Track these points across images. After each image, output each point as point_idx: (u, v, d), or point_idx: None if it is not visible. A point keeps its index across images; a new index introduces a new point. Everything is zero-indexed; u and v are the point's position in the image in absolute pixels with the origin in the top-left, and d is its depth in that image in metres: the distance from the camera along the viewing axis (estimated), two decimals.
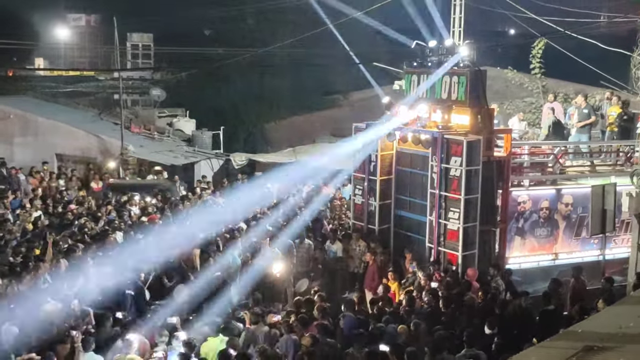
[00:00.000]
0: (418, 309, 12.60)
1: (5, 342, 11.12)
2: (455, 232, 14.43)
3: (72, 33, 42.57)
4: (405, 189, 16.43)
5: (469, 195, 14.26)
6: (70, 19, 42.23)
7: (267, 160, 27.17)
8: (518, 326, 11.64)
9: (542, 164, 16.55)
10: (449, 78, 15.35)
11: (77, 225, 17.44)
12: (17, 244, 15.79)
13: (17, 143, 26.72)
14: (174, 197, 22.01)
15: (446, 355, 10.17)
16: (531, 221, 15.61)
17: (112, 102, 32.40)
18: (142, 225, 17.85)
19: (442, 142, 14.59)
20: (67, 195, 21.09)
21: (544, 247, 15.83)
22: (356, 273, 15.91)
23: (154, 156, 25.74)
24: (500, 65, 27.50)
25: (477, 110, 14.92)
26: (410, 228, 16.24)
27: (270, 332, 11.62)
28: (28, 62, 40.01)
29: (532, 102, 26.22)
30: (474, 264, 14.37)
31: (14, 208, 19.63)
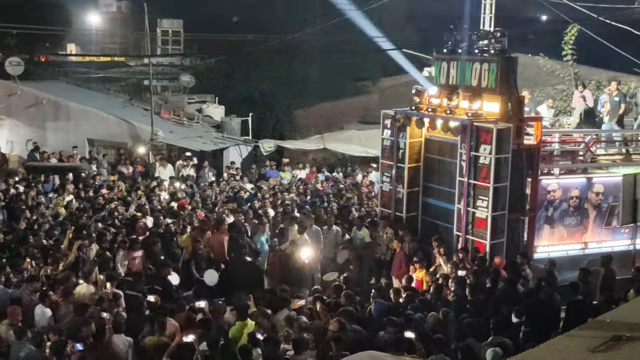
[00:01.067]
0: (445, 297, 12.62)
1: (39, 323, 11.37)
2: (484, 221, 14.39)
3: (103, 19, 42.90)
4: (434, 177, 16.39)
5: (498, 184, 14.20)
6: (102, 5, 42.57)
7: (295, 147, 27.23)
8: (545, 315, 11.61)
9: (572, 152, 16.40)
10: (479, 65, 15.25)
11: (107, 210, 17.68)
12: (50, 227, 16.06)
13: (49, 128, 27.10)
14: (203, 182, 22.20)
15: (473, 343, 10.19)
16: (561, 210, 15.50)
17: (142, 88, 32.66)
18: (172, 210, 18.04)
19: (471, 129, 14.52)
20: (98, 180, 21.36)
21: (573, 236, 15.71)
22: (383, 260, 15.94)
23: (183, 142, 25.91)
24: (532, 52, 27.18)
25: (507, 98, 14.81)
26: (438, 216, 16.22)
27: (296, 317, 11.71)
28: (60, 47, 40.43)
29: (563, 89, 25.92)
30: (501, 252, 14.33)
31: (46, 192, 19.95)
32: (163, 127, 26.54)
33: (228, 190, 20.58)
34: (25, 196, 18.76)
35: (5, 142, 27.11)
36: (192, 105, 31.19)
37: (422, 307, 11.87)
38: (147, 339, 10.76)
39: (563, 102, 24.71)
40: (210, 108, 30.91)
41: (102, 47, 42.32)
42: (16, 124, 27.49)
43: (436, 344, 10.08)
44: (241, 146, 26.95)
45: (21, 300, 11.82)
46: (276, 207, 18.86)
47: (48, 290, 12.03)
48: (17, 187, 19.50)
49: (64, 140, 25.88)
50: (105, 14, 42.95)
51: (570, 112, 20.94)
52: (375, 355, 9.84)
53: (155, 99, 28.16)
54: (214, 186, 21.42)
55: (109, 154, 25.80)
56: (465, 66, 15.59)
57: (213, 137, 27.41)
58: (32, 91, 28.04)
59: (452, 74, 16.00)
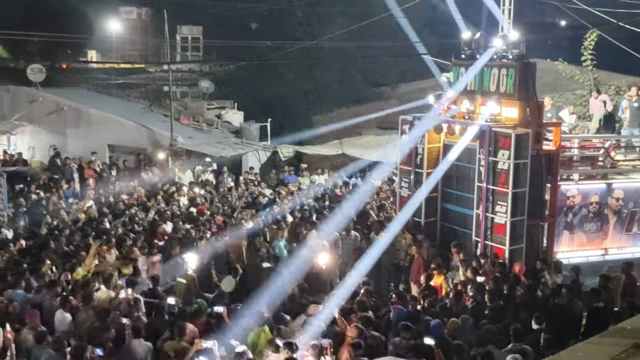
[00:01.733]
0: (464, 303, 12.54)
1: (59, 328, 11.43)
2: (503, 226, 14.31)
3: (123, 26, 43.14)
4: (452, 182, 16.33)
5: (516, 189, 14.12)
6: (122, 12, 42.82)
7: (313, 152, 27.25)
8: (566, 322, 11.50)
9: (592, 157, 16.27)
10: (497, 70, 15.18)
11: (128, 215, 17.77)
12: (70, 232, 16.17)
13: (70, 134, 27.31)
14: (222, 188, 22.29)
15: (492, 349, 10.12)
16: (580, 216, 15.38)
17: (162, 94, 32.81)
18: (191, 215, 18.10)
19: (490, 135, 14.45)
20: (118, 186, 21.49)
21: (593, 242, 15.58)
22: (402, 266, 15.88)
23: (203, 147, 26.01)
24: (551, 57, 27.01)
25: (526, 103, 14.74)
26: (456, 221, 16.15)
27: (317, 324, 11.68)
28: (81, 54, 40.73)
29: (583, 94, 25.73)
30: (521, 258, 14.25)
31: (67, 197, 20.11)
32: (183, 133, 26.67)
33: (247, 196, 20.63)
34: (47, 202, 18.93)
35: (27, 148, 27.33)
36: (212, 111, 31.32)
37: (441, 313, 11.82)
38: (166, 344, 10.78)
39: (583, 108, 24.52)
40: (230, 114, 31.02)
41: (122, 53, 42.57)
42: (37, 130, 27.73)
43: (455, 351, 10.02)
44: (260, 152, 27.01)
45: (42, 305, 11.91)
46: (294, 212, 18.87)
47: (68, 295, 12.09)
48: (39, 193, 19.67)
49: (85, 146, 26.07)
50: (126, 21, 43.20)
51: (589, 118, 20.79)
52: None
53: (175, 105, 28.31)
54: (232, 191, 21.48)
55: (128, 159, 25.94)
56: (483, 71, 15.53)
57: (232, 143, 27.49)
58: (53, 98, 28.29)
59: (470, 79, 15.93)
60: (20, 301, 12.03)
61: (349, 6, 33.11)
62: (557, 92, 26.17)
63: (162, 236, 15.88)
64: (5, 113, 27.79)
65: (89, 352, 10.04)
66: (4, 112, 27.83)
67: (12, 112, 27.69)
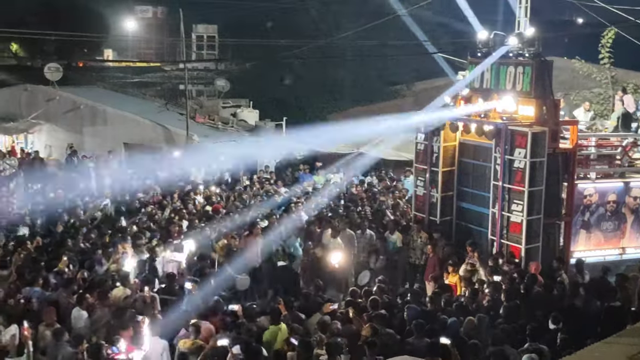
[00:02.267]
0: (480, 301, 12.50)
1: (76, 326, 11.51)
2: (519, 225, 14.24)
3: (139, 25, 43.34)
4: (468, 181, 16.27)
5: (533, 188, 14.05)
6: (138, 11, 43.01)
7: (328, 151, 27.19)
8: (583, 322, 11.43)
9: (609, 156, 16.15)
10: (513, 68, 15.11)
11: (145, 213, 17.84)
12: (87, 230, 16.26)
13: (86, 132, 27.47)
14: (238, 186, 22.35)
15: (508, 349, 10.07)
16: (597, 214, 15.28)
17: (177, 92, 32.97)
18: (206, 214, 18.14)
19: (506, 133, 14.39)
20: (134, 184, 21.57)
21: (610, 242, 15.48)
22: (417, 265, 15.85)
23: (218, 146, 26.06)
24: (568, 55, 26.86)
25: (542, 101, 14.66)
26: (472, 220, 16.09)
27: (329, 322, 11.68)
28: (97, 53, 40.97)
29: (600, 92, 25.57)
30: (537, 257, 14.17)
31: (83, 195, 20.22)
32: (198, 131, 26.75)
33: (262, 194, 20.66)
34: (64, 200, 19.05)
35: (44, 147, 27.52)
36: (227, 109, 31.39)
37: (457, 312, 11.78)
38: (181, 342, 10.82)
39: (600, 106, 24.37)
40: (245, 112, 31.08)
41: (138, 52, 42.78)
42: (54, 128, 27.91)
43: (471, 350, 9.98)
44: None
45: (58, 303, 12.00)
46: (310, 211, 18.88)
47: (85, 293, 12.16)
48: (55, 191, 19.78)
49: (101, 144, 26.23)
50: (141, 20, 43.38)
51: (607, 116, 20.64)
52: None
53: (191, 103, 28.41)
54: (248, 190, 21.51)
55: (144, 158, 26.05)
56: (499, 69, 15.46)
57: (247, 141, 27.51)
58: (70, 96, 28.47)
59: (486, 77, 15.88)
60: (38, 299, 12.12)
61: (363, 5, 33.07)
62: (574, 90, 26.02)
63: (178, 234, 15.92)
64: (23, 112, 27.98)
65: (105, 350, 10.12)
66: (22, 111, 28.03)
67: (30, 111, 27.89)
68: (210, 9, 37.80)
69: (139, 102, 31.60)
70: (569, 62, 26.29)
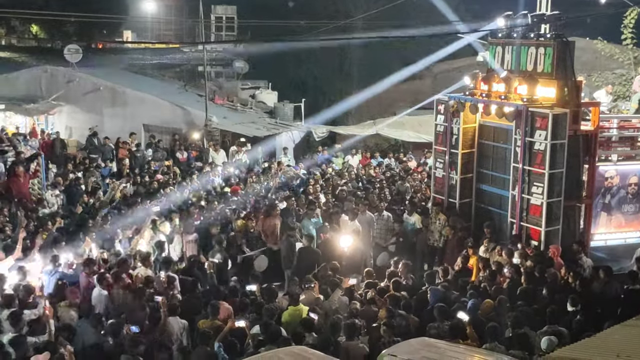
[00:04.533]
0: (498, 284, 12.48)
1: (97, 305, 11.65)
2: (539, 207, 14.16)
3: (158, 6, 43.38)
4: (488, 163, 16.19)
5: (553, 170, 13.95)
6: None
7: (347, 133, 27.18)
8: (602, 304, 11.39)
9: (631, 138, 15.99)
10: (534, 49, 14.96)
11: (164, 195, 17.94)
12: (107, 212, 16.38)
13: (106, 114, 27.59)
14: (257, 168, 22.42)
15: (528, 331, 10.06)
16: (618, 197, 15.18)
17: (196, 74, 32.97)
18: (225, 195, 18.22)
19: (526, 115, 14.28)
20: (154, 165, 21.69)
21: (631, 224, 15.38)
22: (436, 247, 15.84)
23: (237, 127, 26.11)
24: (590, 36, 26.54)
25: (563, 83, 14.51)
26: (491, 202, 16.03)
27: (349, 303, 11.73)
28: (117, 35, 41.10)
29: (622, 74, 25.25)
30: (557, 239, 14.10)
31: (104, 176, 20.37)
32: (217, 113, 26.77)
33: (281, 176, 20.69)
34: (85, 180, 19.20)
35: (64, 128, 27.70)
36: (246, 91, 31.39)
37: (476, 294, 11.78)
38: (200, 322, 10.92)
39: (622, 87, 24.08)
40: (264, 94, 31.07)
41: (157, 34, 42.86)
42: (74, 110, 28.06)
43: (490, 332, 9.99)
44: (294, 132, 27.02)
45: (79, 283, 12.14)
46: (328, 193, 18.90)
47: (105, 272, 12.28)
48: (75, 172, 19.93)
49: (121, 126, 26.33)
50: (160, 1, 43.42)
51: (629, 97, 20.41)
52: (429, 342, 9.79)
53: (210, 85, 28.39)
54: (267, 171, 21.56)
55: (164, 139, 26.16)
56: (520, 50, 15.32)
57: (266, 123, 27.56)
58: (90, 78, 28.57)
59: (507, 58, 15.74)
60: (59, 278, 12.26)
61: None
62: (596, 71, 25.73)
63: (197, 216, 16.00)
64: (43, 93, 28.14)
65: (125, 329, 10.24)
66: (42, 93, 28.19)
67: (50, 92, 28.04)
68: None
69: (158, 84, 31.64)
70: (591, 43, 25.97)
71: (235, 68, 33.06)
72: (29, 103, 27.36)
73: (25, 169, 17.78)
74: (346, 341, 10.11)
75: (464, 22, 24.54)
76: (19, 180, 17.39)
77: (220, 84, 32.15)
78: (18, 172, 17.44)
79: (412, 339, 9.96)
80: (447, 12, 23.34)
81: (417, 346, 9.51)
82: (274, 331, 10.01)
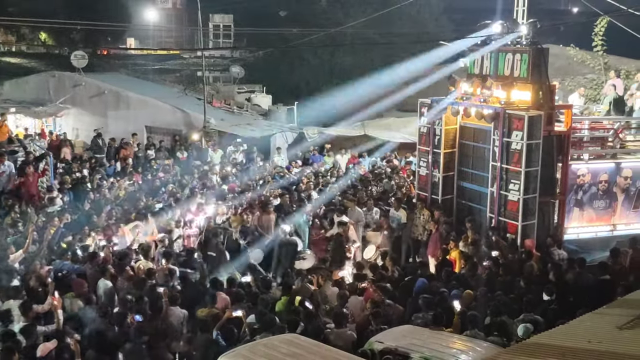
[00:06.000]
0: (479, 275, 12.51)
1: (102, 295, 11.61)
2: (516, 203, 14.20)
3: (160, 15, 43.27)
4: (468, 162, 16.22)
5: (529, 168, 13.99)
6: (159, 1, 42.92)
7: (337, 133, 27.14)
8: (575, 294, 11.43)
9: (602, 138, 16.05)
10: (511, 55, 15.00)
11: (166, 192, 17.90)
12: (111, 208, 16.33)
13: (110, 116, 27.50)
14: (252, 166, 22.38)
15: (506, 319, 10.09)
16: (590, 193, 15.23)
17: (195, 78, 32.87)
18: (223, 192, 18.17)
19: (504, 117, 14.31)
20: (155, 164, 21.62)
21: (602, 218, 15.44)
22: (420, 240, 15.86)
23: (234, 129, 26.05)
24: (563, 43, 26.60)
25: (538, 87, 14.56)
26: (472, 198, 16.06)
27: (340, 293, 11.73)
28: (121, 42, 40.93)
29: (593, 78, 25.33)
30: (533, 233, 14.15)
31: (108, 174, 20.29)
32: (215, 115, 26.71)
33: (274, 174, 20.68)
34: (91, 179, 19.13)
35: (71, 130, 27.60)
36: (242, 94, 31.31)
37: (457, 284, 11.80)
38: (199, 311, 10.90)
39: (593, 91, 24.16)
40: (259, 97, 31.00)
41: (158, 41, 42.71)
42: (81, 112, 27.97)
43: (471, 320, 10.01)
44: (287, 133, 26.98)
45: (86, 275, 12.10)
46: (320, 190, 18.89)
47: (108, 265, 12.25)
48: (82, 171, 19.86)
49: (124, 127, 26.26)
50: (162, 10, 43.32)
51: (600, 100, 20.48)
52: (414, 329, 9.82)
53: (208, 89, 28.32)
54: (261, 170, 21.52)
55: (165, 140, 26.10)
56: (498, 57, 15.35)
57: (261, 125, 27.50)
58: (95, 82, 28.47)
59: (485, 64, 15.77)
60: (67, 271, 12.23)
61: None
62: (569, 76, 25.80)
63: (197, 211, 15.97)
64: (51, 97, 28.05)
65: (129, 318, 10.21)
66: (50, 96, 28.09)
67: (57, 96, 27.94)
68: (227, 0, 37.68)
69: (159, 88, 31.53)
70: (564, 50, 26.04)
71: (232, 73, 32.98)
72: (38, 106, 27.25)
73: (35, 168, 17.71)
74: (335, 329, 10.11)
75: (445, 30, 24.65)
76: (29, 180, 17.33)
77: (217, 88, 32.06)
78: (28, 172, 17.38)
79: (398, 327, 10.00)
80: (429, 21, 23.38)
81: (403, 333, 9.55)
82: (268, 320, 10.00)
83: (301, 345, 8.69)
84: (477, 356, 8.68)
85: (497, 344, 9.24)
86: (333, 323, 10.28)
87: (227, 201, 17.07)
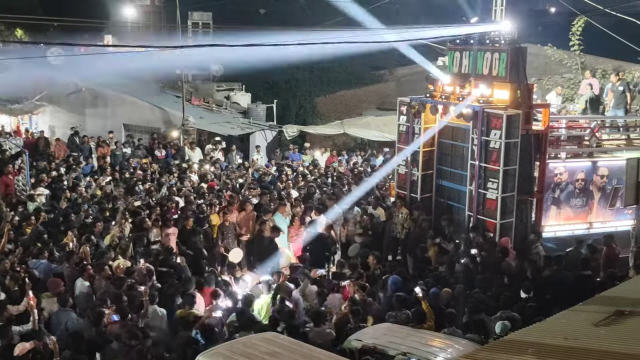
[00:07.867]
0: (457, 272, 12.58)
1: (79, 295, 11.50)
2: (494, 201, 14.31)
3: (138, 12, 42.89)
4: (447, 160, 16.30)
5: (507, 167, 14.10)
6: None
7: (317, 132, 27.18)
8: (553, 291, 11.53)
9: (578, 137, 16.22)
10: (490, 54, 15.09)
11: (143, 191, 17.76)
12: (88, 207, 16.18)
13: (88, 114, 27.26)
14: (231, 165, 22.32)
15: (483, 316, 10.15)
16: (567, 192, 15.38)
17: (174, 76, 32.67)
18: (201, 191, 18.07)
19: (482, 115, 14.40)
20: (133, 163, 21.46)
21: (578, 216, 15.60)
22: (398, 238, 15.90)
23: (213, 127, 25.97)
24: (541, 43, 26.82)
25: (516, 86, 14.67)
26: (450, 197, 16.14)
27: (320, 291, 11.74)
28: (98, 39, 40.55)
29: (570, 78, 25.58)
30: (510, 231, 14.27)
31: (85, 174, 20.10)
32: (194, 113, 26.61)
33: (253, 173, 20.63)
34: (67, 177, 18.95)
35: (48, 127, 27.30)
36: (221, 92, 31.22)
37: (435, 282, 11.85)
38: (178, 312, 10.84)
39: (570, 90, 24.40)
40: (238, 95, 30.94)
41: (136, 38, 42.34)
42: (57, 110, 27.67)
43: (448, 318, 10.06)
44: (266, 131, 26.96)
45: (62, 274, 11.98)
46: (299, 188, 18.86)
47: (86, 264, 12.14)
48: (59, 169, 19.66)
49: (102, 125, 26.07)
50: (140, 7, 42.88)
51: (577, 99, 20.69)
52: (392, 327, 9.85)
53: (187, 86, 28.18)
54: (241, 169, 21.46)
55: (143, 138, 25.92)
56: (477, 55, 15.44)
57: (240, 123, 27.43)
58: (72, 79, 28.17)
59: (464, 63, 15.85)
60: (43, 270, 12.10)
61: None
62: (547, 76, 26.02)
63: (175, 210, 15.88)
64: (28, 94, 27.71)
65: (106, 318, 10.13)
66: (26, 93, 27.75)
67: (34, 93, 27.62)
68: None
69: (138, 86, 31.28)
70: (542, 49, 26.26)
71: (211, 71, 32.84)
72: (14, 103, 26.93)
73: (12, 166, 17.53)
74: (314, 327, 10.11)
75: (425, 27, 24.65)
76: (9, 178, 17.18)
77: (196, 85, 31.92)
78: (8, 170, 17.22)
79: (377, 324, 10.02)
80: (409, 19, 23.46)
81: (382, 331, 9.58)
82: (248, 318, 9.98)
83: (280, 343, 8.70)
84: (455, 353, 8.72)
85: (475, 342, 9.30)
86: (312, 322, 10.28)
87: (206, 200, 16.98)
